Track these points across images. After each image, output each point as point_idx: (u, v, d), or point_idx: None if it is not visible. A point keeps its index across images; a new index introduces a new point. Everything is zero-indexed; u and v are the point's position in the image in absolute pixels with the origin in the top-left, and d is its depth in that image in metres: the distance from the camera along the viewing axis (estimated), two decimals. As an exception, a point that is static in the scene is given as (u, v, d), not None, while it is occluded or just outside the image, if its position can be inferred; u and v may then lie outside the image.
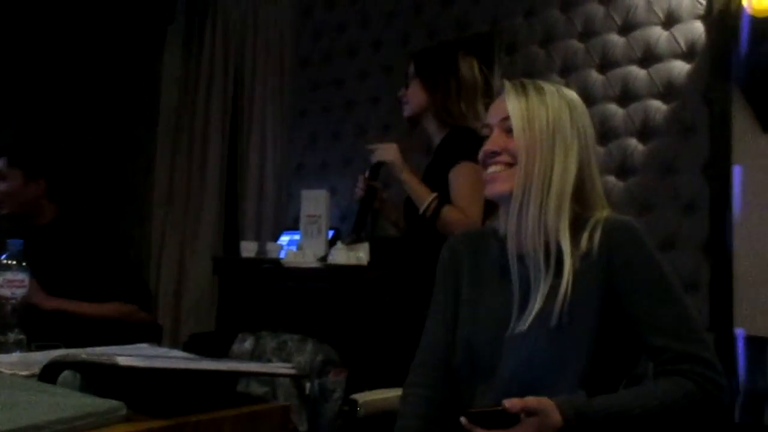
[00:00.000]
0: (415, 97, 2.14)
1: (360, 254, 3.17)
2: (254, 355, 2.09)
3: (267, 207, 4.07)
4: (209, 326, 4.01)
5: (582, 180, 1.26)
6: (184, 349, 1.80)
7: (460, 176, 1.97)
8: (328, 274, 3.06)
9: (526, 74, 3.01)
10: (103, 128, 4.36)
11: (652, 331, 1.15)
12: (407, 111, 2.17)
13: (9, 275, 1.51)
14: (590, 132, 1.28)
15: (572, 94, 1.30)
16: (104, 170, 4.35)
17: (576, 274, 1.19)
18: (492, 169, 1.30)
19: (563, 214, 1.22)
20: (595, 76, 2.82)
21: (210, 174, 4.27)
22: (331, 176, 3.66)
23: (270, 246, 3.52)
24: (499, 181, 1.29)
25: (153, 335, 2.42)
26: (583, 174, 1.26)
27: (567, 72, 2.90)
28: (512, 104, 1.27)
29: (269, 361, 2.06)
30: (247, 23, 4.19)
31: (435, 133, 2.16)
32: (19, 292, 1.52)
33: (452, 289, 1.36)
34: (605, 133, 2.77)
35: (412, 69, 2.18)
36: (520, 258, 1.25)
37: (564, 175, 1.23)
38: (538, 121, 1.25)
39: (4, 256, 1.52)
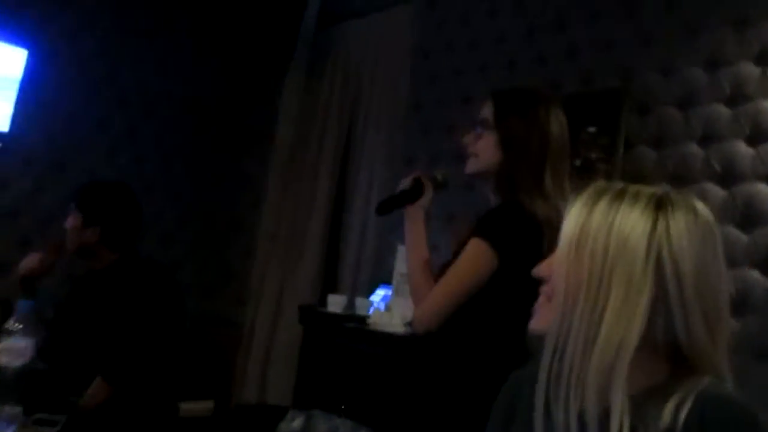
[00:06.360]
0: (486, 151, 1.67)
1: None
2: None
3: (367, 254, 3.88)
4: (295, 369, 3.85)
5: (671, 333, 0.89)
6: (230, 422, 1.59)
7: (463, 254, 1.58)
8: (412, 342, 2.79)
9: (659, 139, 2.60)
10: (217, 160, 4.36)
11: None
12: (472, 166, 1.70)
13: (10, 342, 1.37)
14: (691, 267, 0.89)
15: (676, 208, 0.92)
16: (214, 201, 4.35)
17: None
18: (540, 297, 1.00)
19: (616, 377, 0.87)
20: (743, 149, 2.36)
21: (316, 213, 4.20)
22: (432, 231, 3.38)
23: (359, 302, 3.32)
24: (536, 315, 0.99)
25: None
26: (673, 325, 0.89)
27: (709, 141, 2.46)
28: (568, 219, 0.95)
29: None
30: (366, 65, 4.07)
31: (491, 199, 1.71)
32: (19, 362, 1.37)
33: (501, 429, 1.10)
34: (751, 217, 2.30)
35: (489, 113, 1.70)
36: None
37: (622, 323, 0.88)
38: (591, 245, 0.91)
39: (12, 319, 1.39)
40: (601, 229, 0.92)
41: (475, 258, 1.56)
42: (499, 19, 3.33)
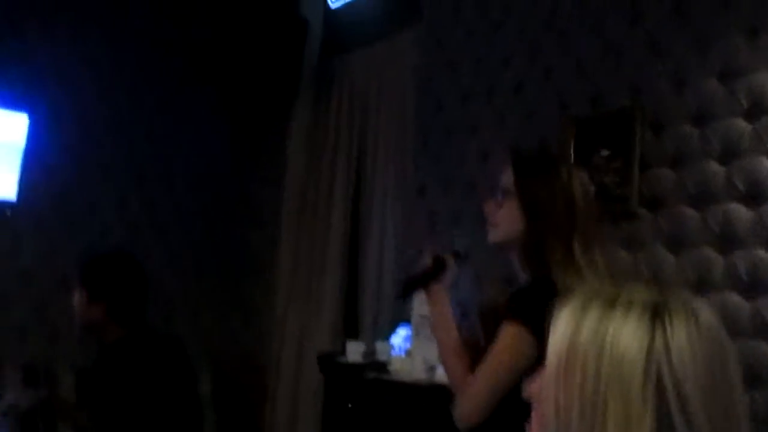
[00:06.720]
0: (509, 220, 1.58)
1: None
2: None
3: (386, 291, 3.78)
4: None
5: None
6: None
7: (499, 341, 1.50)
8: (435, 392, 2.66)
9: (676, 159, 2.44)
10: (230, 199, 4.31)
11: None
12: (494, 236, 1.62)
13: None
14: (697, 388, 0.76)
15: (675, 318, 0.79)
16: (230, 241, 4.29)
17: None
18: (532, 418, 0.88)
19: None
20: (767, 165, 2.19)
21: (332, 247, 4.11)
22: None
23: (380, 346, 3.22)
24: None
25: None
26: None
27: (729, 158, 2.29)
28: (554, 333, 0.83)
29: None
30: (372, 94, 3.99)
31: (520, 271, 1.62)
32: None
33: None
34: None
35: (509, 180, 1.61)
36: None
37: None
38: (581, 366, 0.79)
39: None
40: (591, 347, 0.80)
41: (513, 345, 1.47)
42: (502, 38, 3.20)
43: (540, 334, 1.43)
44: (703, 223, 2.32)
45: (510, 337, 1.47)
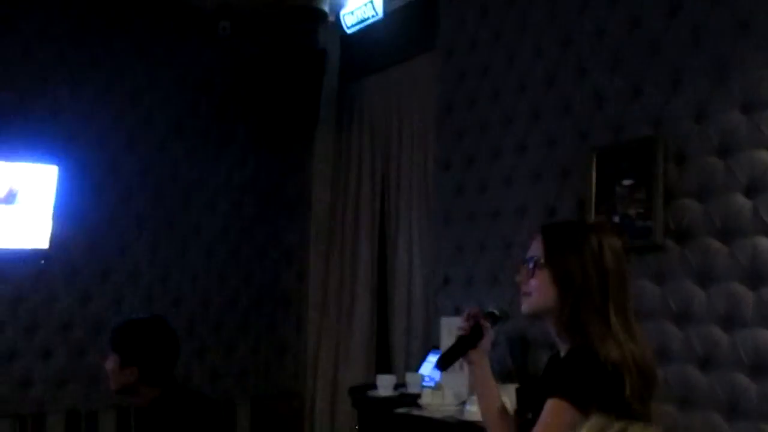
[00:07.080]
0: (541, 290, 1.58)
1: (503, 400, 2.73)
2: None
3: (416, 318, 3.78)
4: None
5: None
6: None
7: (543, 417, 1.49)
8: (464, 430, 2.67)
9: (701, 190, 2.40)
10: (258, 237, 4.35)
11: None
12: (527, 306, 1.61)
13: None
14: None
15: None
16: (260, 278, 4.33)
17: None
18: None
19: None
20: (794, 198, 2.15)
21: (361, 280, 4.13)
22: (477, 292, 3.27)
23: (410, 378, 3.23)
24: None
25: None
26: None
27: (756, 191, 2.25)
28: None
29: None
30: (392, 120, 4.01)
31: (556, 338, 1.62)
32: None
33: None
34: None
35: (538, 251, 1.60)
36: None
37: None
38: None
39: None
40: None
41: (558, 422, 1.47)
42: (519, 67, 3.18)
43: (587, 408, 1.44)
44: (731, 258, 2.28)
45: (554, 414, 1.47)
